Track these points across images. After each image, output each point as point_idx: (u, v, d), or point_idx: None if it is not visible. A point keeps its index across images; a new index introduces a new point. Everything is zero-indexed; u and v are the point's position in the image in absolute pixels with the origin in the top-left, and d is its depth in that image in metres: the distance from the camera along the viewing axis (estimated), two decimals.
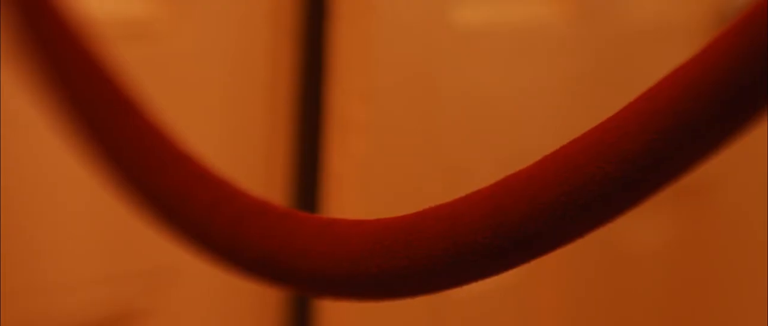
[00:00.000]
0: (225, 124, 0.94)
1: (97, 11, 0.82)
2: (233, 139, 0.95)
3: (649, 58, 1.21)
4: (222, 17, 0.92)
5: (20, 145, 0.82)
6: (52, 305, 0.86)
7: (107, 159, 0.64)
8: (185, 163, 0.59)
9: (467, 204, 0.47)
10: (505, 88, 1.09)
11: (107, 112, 0.65)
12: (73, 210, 0.86)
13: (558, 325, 1.20)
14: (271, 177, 0.98)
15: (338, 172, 0.97)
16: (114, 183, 0.65)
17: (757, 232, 1.36)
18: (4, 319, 0.81)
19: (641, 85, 0.46)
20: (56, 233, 0.85)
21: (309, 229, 0.51)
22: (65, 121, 0.68)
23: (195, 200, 0.57)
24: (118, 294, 0.90)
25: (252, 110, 0.96)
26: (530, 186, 0.45)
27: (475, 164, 1.06)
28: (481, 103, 1.07)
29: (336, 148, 0.97)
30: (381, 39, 0.97)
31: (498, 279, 0.51)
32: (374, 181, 0.99)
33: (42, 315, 0.85)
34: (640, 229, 1.25)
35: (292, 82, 0.97)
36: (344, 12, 0.95)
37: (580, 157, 0.44)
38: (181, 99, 0.91)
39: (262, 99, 0.96)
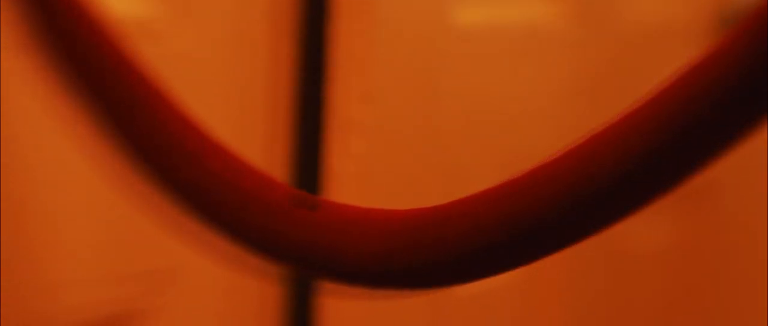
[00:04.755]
0: (225, 123, 0.94)
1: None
2: (233, 139, 0.95)
3: (649, 59, 1.21)
4: (222, 17, 0.92)
5: (20, 144, 0.82)
6: (52, 305, 0.86)
7: (136, 153, 0.64)
8: (217, 155, 0.59)
9: (490, 199, 0.47)
10: (505, 88, 1.09)
11: (134, 105, 0.64)
12: (73, 210, 0.86)
13: (559, 325, 1.20)
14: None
15: (338, 172, 0.97)
16: (142, 178, 0.64)
17: (758, 233, 1.36)
18: (4, 319, 0.81)
19: (641, 85, 0.46)
20: (57, 233, 0.85)
21: (340, 221, 0.52)
22: (89, 117, 0.67)
23: (227, 192, 0.57)
24: (118, 294, 0.90)
25: (252, 110, 0.96)
26: (546, 183, 0.45)
27: (475, 164, 1.06)
28: (481, 103, 1.07)
29: (336, 148, 0.97)
30: (381, 39, 0.97)
31: (499, 278, 0.52)
32: (374, 181, 0.99)
33: (43, 315, 0.85)
34: (642, 230, 1.25)
35: (292, 82, 0.97)
36: (344, 12, 0.95)
37: (600, 152, 0.44)
38: (181, 99, 0.91)
39: (262, 99, 0.96)
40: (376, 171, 0.99)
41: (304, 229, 0.53)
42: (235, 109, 0.95)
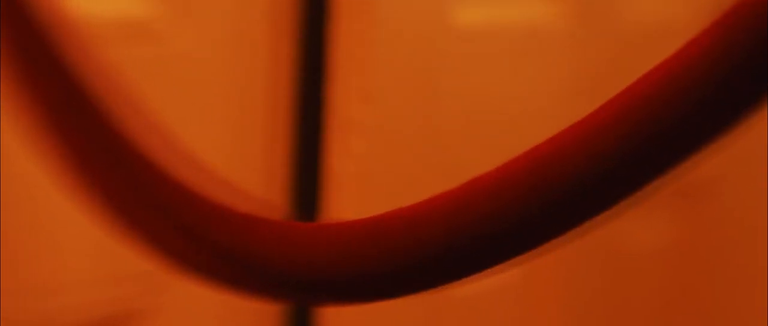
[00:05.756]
0: (225, 124, 0.94)
1: (96, 11, 0.82)
2: (233, 139, 0.95)
3: (649, 59, 1.21)
4: (222, 17, 0.92)
5: (19, 144, 0.82)
6: (52, 305, 0.86)
7: (66, 156, 0.63)
8: (144, 166, 0.58)
9: (431, 207, 0.46)
10: (505, 88, 1.09)
11: (66, 111, 0.64)
12: (72, 210, 0.86)
13: (557, 325, 1.19)
14: (271, 177, 0.98)
15: (338, 172, 0.97)
16: (74, 181, 0.64)
17: (757, 232, 1.36)
18: (4, 319, 0.81)
19: None
20: (56, 233, 0.85)
21: (272, 234, 0.50)
22: (32, 123, 0.67)
23: (152, 202, 0.55)
24: (118, 294, 0.90)
25: (252, 110, 0.96)
26: (496, 187, 0.44)
27: (475, 164, 1.06)
28: (481, 103, 1.07)
29: (336, 148, 0.97)
30: (381, 39, 0.97)
31: (498, 279, 0.51)
32: (374, 181, 0.99)
33: (42, 315, 0.85)
34: (640, 229, 1.25)
35: (292, 82, 0.97)
36: (344, 12, 0.95)
37: (553, 156, 0.43)
38: (181, 99, 0.91)
39: (262, 99, 0.96)
40: (376, 171, 0.99)
41: (233, 242, 0.51)
42: (235, 109, 0.95)
